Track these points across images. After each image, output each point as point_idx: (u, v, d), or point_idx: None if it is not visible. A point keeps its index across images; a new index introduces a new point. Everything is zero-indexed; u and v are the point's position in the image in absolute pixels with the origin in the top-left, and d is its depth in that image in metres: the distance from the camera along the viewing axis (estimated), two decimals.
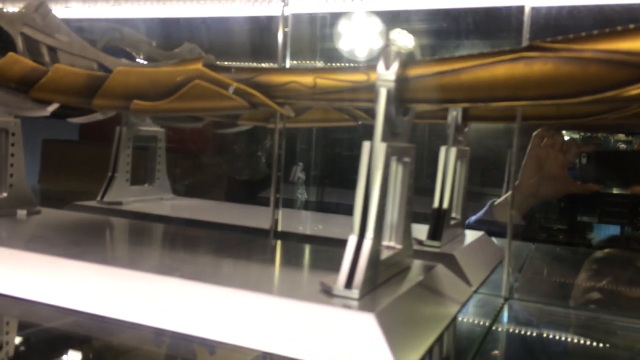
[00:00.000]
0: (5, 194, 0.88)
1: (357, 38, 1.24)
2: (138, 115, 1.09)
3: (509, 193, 1.16)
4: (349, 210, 1.28)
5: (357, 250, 0.57)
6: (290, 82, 0.65)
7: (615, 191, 1.43)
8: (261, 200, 1.52)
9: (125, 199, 1.07)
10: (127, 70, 0.72)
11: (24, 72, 0.77)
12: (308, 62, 1.38)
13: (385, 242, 0.65)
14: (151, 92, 0.71)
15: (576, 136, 1.51)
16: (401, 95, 0.60)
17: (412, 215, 0.67)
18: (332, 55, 1.33)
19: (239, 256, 0.75)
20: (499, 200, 1.30)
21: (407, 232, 0.67)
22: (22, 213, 0.89)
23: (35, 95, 0.78)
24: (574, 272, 1.01)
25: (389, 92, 0.59)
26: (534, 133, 1.30)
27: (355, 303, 0.55)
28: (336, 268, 0.57)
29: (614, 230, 1.52)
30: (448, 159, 0.86)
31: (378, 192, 0.58)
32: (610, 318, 0.73)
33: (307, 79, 0.65)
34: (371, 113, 0.97)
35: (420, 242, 0.82)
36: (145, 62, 1.02)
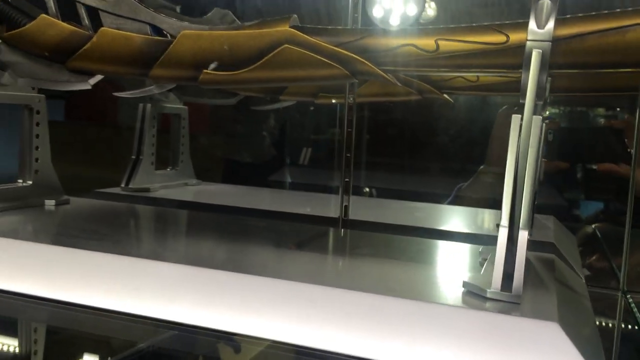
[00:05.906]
0: (30, 182, 0.75)
1: (391, 5, 1.13)
2: (163, 92, 0.97)
3: (475, 175, 1.10)
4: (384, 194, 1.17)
5: (509, 245, 0.48)
6: (404, 45, 0.55)
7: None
8: (272, 184, 1.41)
9: (152, 184, 0.95)
10: (197, 35, 0.60)
11: (61, 38, 0.65)
12: None
13: None
14: (227, 59, 0.59)
15: (556, 111, 1.41)
16: (552, 59, 0.50)
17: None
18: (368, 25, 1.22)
19: (319, 250, 0.64)
20: (466, 184, 1.19)
21: (532, 220, 0.58)
22: (50, 203, 0.76)
23: (74, 65, 0.66)
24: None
25: (543, 56, 0.49)
26: (499, 111, 1.19)
27: (517, 308, 0.46)
28: (452, 262, 0.47)
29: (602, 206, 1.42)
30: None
31: (532, 175, 0.49)
32: None
33: (427, 41, 0.55)
34: (455, 86, 0.87)
35: None
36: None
